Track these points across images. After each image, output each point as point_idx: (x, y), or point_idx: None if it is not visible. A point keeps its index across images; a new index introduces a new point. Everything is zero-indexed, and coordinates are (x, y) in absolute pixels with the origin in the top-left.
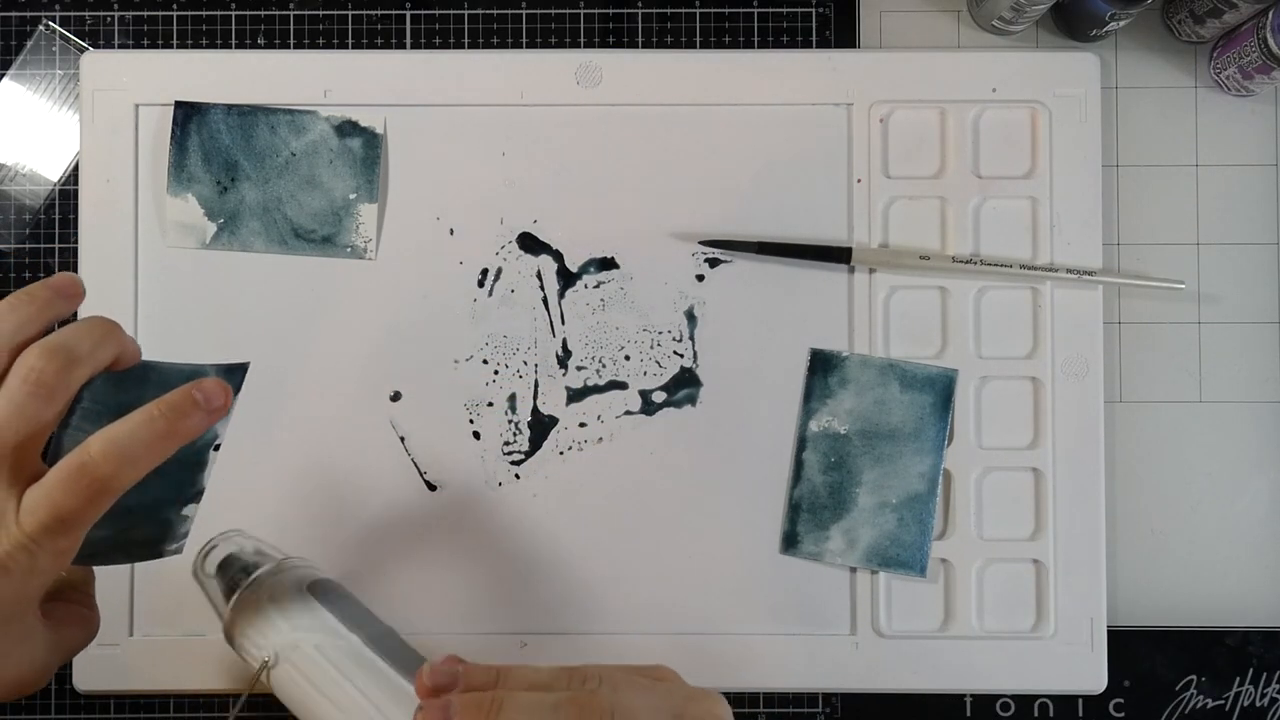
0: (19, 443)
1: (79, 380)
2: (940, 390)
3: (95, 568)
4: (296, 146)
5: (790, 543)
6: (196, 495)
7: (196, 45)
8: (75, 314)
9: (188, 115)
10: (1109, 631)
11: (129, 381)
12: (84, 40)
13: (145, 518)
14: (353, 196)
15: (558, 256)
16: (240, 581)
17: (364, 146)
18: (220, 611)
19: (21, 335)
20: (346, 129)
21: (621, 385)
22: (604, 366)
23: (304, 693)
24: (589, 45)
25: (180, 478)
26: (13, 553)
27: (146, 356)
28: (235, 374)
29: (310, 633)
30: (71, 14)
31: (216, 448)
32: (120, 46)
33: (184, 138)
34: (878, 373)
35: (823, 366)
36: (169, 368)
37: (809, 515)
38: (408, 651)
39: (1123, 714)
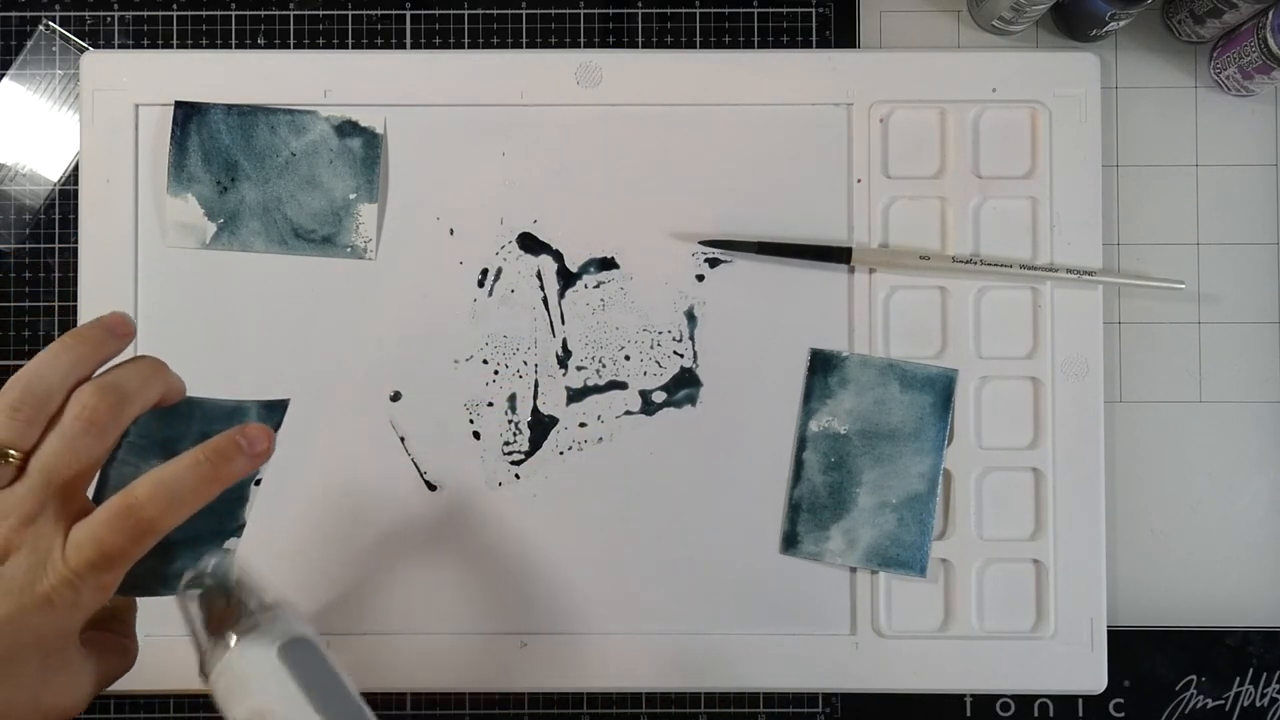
0: (70, 478)
1: (129, 417)
2: (940, 390)
3: (136, 599)
4: (296, 146)
5: (790, 543)
6: (238, 529)
7: (196, 45)
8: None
9: (188, 115)
10: (1109, 631)
11: (174, 417)
12: (84, 40)
13: (187, 550)
14: (353, 196)
15: (558, 256)
16: (223, 623)
17: (364, 146)
18: (199, 645)
19: (75, 374)
20: (346, 129)
21: (621, 385)
22: (604, 366)
23: None
24: (589, 45)
25: (223, 512)
26: (58, 588)
27: (145, 352)
28: (276, 411)
29: (276, 703)
30: (71, 14)
31: (257, 483)
32: (120, 46)
33: (184, 138)
34: (878, 373)
35: (823, 366)
36: (212, 404)
37: (809, 515)
38: None
39: (1123, 714)
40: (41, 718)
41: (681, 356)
